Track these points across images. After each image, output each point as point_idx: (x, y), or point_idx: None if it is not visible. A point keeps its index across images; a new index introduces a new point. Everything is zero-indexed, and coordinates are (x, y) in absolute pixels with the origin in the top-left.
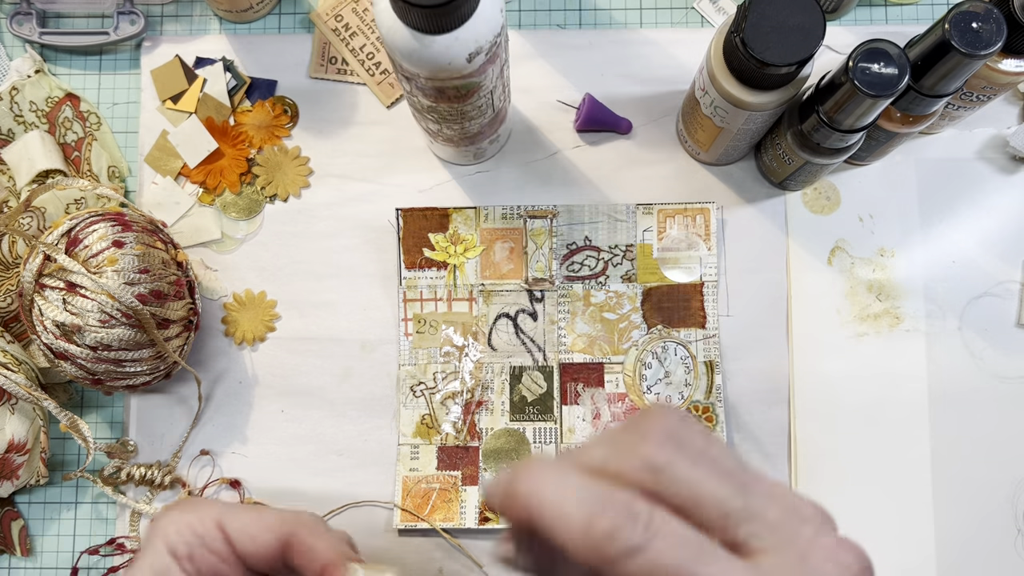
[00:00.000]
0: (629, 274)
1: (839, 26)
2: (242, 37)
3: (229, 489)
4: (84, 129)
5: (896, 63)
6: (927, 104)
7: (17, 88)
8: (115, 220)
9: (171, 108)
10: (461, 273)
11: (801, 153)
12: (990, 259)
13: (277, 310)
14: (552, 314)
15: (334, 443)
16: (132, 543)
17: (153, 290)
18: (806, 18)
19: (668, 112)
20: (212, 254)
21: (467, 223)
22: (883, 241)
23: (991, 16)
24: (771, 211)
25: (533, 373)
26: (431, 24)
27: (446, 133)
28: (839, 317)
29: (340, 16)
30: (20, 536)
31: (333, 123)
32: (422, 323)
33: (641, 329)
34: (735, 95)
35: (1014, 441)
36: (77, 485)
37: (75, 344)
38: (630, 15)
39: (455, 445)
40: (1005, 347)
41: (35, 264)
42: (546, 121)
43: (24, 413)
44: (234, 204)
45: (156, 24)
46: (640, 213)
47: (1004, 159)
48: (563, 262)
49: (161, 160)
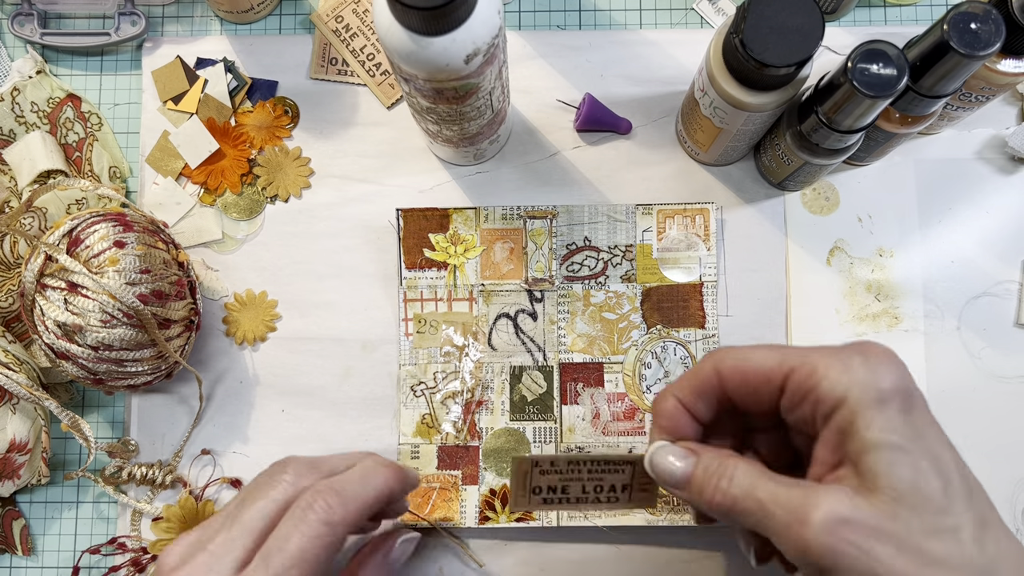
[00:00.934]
0: (629, 274)
1: (838, 27)
2: (243, 38)
3: (231, 488)
4: (85, 130)
5: (895, 64)
6: (926, 105)
7: (18, 89)
8: (116, 220)
9: (172, 109)
10: (461, 273)
11: (800, 154)
12: (989, 259)
13: (278, 310)
14: (552, 314)
15: (335, 443)
16: (133, 542)
17: (154, 290)
18: (805, 19)
19: (668, 112)
20: (213, 254)
21: (467, 223)
22: (882, 241)
23: (990, 17)
24: (770, 211)
25: (533, 373)
26: (428, 26)
27: (445, 134)
28: (838, 317)
29: (340, 17)
30: (21, 535)
31: (334, 124)
32: (422, 323)
33: (640, 329)
34: (734, 96)
35: (1013, 441)
36: (78, 485)
37: (76, 344)
38: (630, 16)
39: (455, 445)
40: (1004, 347)
41: (37, 264)
42: (546, 121)
43: (26, 413)
44: (235, 204)
45: (157, 25)
46: (640, 213)
47: (1003, 159)
48: (563, 262)
49: (162, 161)
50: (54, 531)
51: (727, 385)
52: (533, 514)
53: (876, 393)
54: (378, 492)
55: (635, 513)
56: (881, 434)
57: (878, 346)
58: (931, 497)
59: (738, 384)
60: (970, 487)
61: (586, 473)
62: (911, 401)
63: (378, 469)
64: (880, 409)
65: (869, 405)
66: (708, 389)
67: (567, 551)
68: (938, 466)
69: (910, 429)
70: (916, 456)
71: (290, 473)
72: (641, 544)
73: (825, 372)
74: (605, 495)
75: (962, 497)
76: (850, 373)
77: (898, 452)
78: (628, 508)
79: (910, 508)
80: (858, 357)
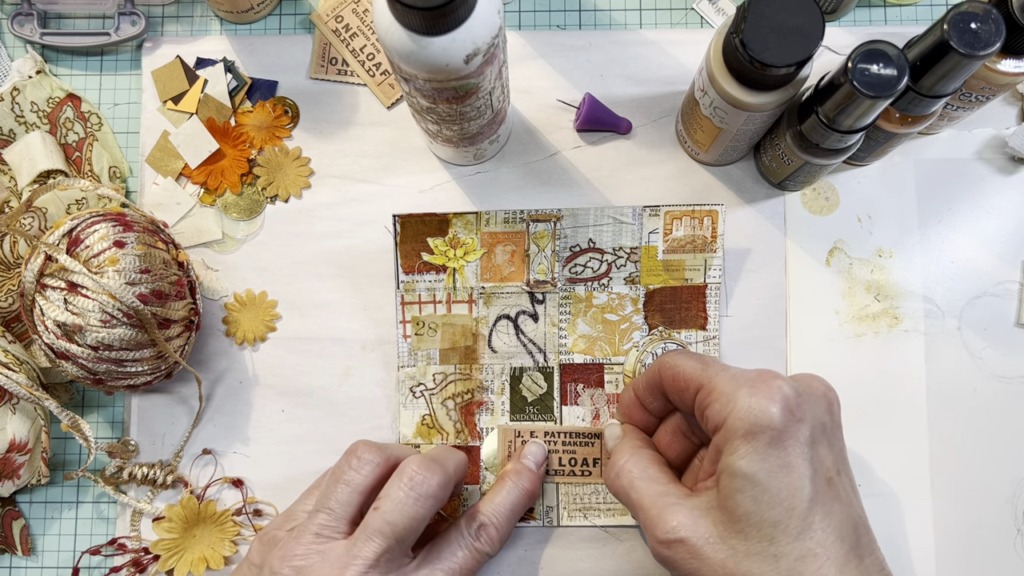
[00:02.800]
0: (632, 276)
1: (838, 27)
2: (243, 38)
3: (232, 488)
4: (85, 129)
5: (895, 64)
6: (926, 105)
7: (18, 89)
8: (116, 220)
9: (172, 109)
10: (460, 276)
11: (800, 154)
12: (989, 259)
13: (278, 310)
14: (553, 316)
15: (335, 443)
16: (133, 543)
17: (154, 290)
18: (805, 19)
19: (668, 112)
20: (213, 254)
21: (467, 227)
22: (882, 241)
23: (990, 17)
24: (770, 211)
25: (533, 373)
26: (428, 26)
27: (445, 134)
28: (838, 317)
29: (340, 17)
30: (21, 536)
31: (333, 124)
32: (421, 325)
33: (642, 330)
34: (734, 96)
35: (1013, 441)
36: (78, 485)
37: (76, 344)
38: (630, 16)
39: (456, 445)
40: (1004, 347)
41: (36, 264)
42: (546, 121)
43: (25, 413)
44: (235, 204)
45: (157, 25)
46: (647, 215)
47: (1003, 159)
48: (566, 264)
49: (162, 161)
50: (54, 531)
51: (664, 384)
52: (534, 514)
53: (748, 426)
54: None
55: None
56: (739, 462)
57: (773, 382)
58: (762, 526)
59: (670, 385)
60: (809, 525)
61: (561, 445)
62: (781, 438)
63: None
64: (747, 440)
65: (738, 434)
66: (653, 387)
67: (567, 551)
68: (781, 500)
69: (768, 463)
70: (761, 489)
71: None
72: (641, 544)
73: (717, 397)
74: (579, 468)
75: (794, 532)
76: (733, 403)
77: (746, 482)
78: (599, 482)
79: (741, 532)
80: (746, 390)
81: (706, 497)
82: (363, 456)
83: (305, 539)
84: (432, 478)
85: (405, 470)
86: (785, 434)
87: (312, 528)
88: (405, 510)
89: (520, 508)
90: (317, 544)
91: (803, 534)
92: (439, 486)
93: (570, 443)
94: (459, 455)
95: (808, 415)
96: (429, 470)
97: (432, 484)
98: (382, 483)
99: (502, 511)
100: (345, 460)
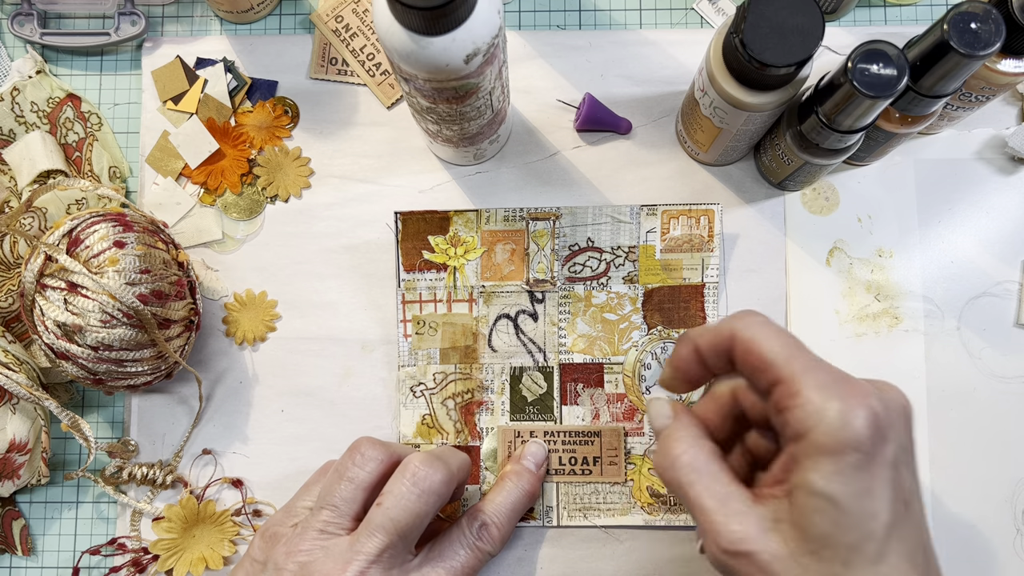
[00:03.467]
0: (631, 275)
1: (838, 27)
2: (243, 38)
3: (231, 488)
4: (85, 129)
5: (895, 64)
6: (926, 105)
7: (18, 88)
8: (116, 220)
9: (172, 109)
10: (461, 275)
11: (800, 154)
12: (989, 259)
13: (278, 310)
14: (553, 315)
15: (335, 443)
16: (133, 543)
17: (154, 290)
18: (805, 19)
19: (668, 112)
20: (213, 254)
21: (468, 225)
22: (882, 241)
23: (990, 17)
24: (770, 211)
25: (533, 373)
26: (428, 26)
27: (445, 134)
28: (837, 317)
29: (340, 17)
30: (21, 535)
31: (333, 124)
32: (421, 324)
33: (641, 330)
34: (734, 96)
35: (1013, 441)
36: (78, 485)
37: (76, 344)
38: (630, 16)
39: (456, 445)
40: (1004, 347)
41: (36, 264)
42: (546, 121)
43: (25, 413)
44: (235, 204)
45: (157, 25)
46: (644, 214)
47: (1003, 159)
48: (565, 263)
49: (162, 161)
50: (54, 531)
51: (735, 354)
52: (534, 514)
53: (835, 444)
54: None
55: (635, 513)
56: (820, 480)
57: (864, 399)
58: (837, 549)
59: (742, 358)
60: (886, 551)
61: (561, 445)
62: (868, 461)
63: (454, 450)
64: (832, 458)
65: (823, 451)
66: (721, 350)
67: (567, 551)
68: (861, 524)
69: (852, 486)
70: (842, 512)
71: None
72: (641, 544)
73: (802, 403)
74: (579, 467)
75: (870, 557)
76: (821, 414)
77: (827, 503)
78: (599, 480)
79: (814, 553)
80: (836, 404)
81: (774, 507)
82: (367, 453)
83: (309, 535)
84: (435, 475)
85: (408, 466)
86: (872, 456)
87: (316, 524)
88: (408, 506)
89: (521, 508)
90: (321, 540)
91: (880, 559)
92: (442, 483)
93: (570, 443)
94: (462, 455)
95: (893, 435)
96: (432, 467)
97: (435, 480)
98: (385, 480)
99: (504, 511)
100: (349, 456)
